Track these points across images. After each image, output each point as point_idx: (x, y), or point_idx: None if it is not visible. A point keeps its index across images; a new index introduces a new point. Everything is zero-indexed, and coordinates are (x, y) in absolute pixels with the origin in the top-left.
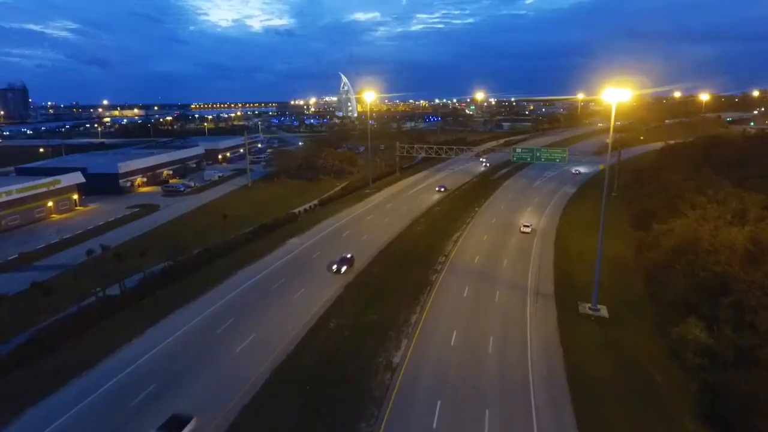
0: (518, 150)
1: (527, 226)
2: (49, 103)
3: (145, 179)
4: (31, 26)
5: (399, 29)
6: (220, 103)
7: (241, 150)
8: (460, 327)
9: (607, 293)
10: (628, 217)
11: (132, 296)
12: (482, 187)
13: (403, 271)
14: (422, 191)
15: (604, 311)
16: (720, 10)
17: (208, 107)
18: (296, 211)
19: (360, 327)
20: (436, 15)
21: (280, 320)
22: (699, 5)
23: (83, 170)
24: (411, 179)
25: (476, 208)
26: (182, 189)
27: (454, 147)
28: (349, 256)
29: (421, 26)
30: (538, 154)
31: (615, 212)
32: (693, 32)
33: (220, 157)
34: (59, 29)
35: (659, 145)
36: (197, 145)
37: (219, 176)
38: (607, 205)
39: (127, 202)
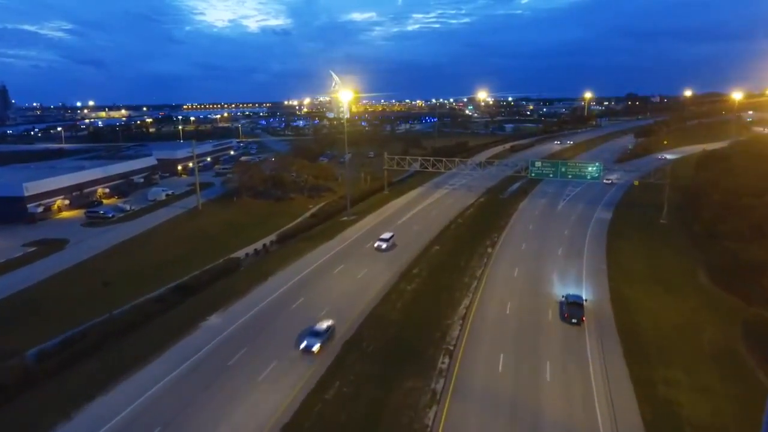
0: (537, 164)
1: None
2: (35, 104)
3: (67, 201)
4: (26, 27)
5: (395, 29)
6: (214, 104)
7: (209, 158)
8: None
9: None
10: (704, 267)
11: None
12: (493, 213)
13: (379, 400)
14: (417, 219)
15: None
16: (719, 8)
17: (200, 108)
18: (244, 252)
19: None
20: (432, 15)
21: None
22: (698, 4)
23: None
24: (402, 200)
25: (489, 249)
26: (110, 215)
27: (456, 159)
28: None
29: (417, 26)
30: (563, 170)
31: (674, 251)
32: (692, 31)
33: (179, 167)
34: (54, 29)
35: (688, 149)
36: (150, 155)
37: (167, 195)
38: (659, 237)
39: (32, 235)
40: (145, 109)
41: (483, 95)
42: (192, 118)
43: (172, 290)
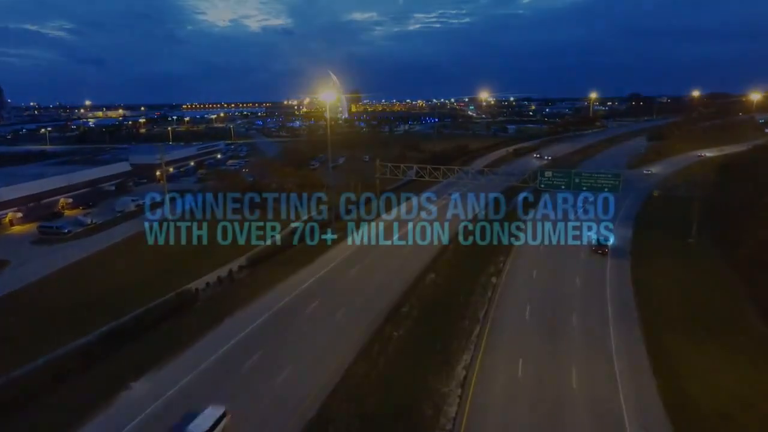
0: (548, 174)
1: None
2: (32, 103)
3: (20, 214)
4: (28, 26)
5: (396, 29)
6: (214, 104)
7: (192, 163)
8: None
9: None
10: (754, 305)
11: None
12: (496, 230)
13: None
14: (410, 236)
15: None
16: (720, 7)
17: (200, 107)
18: (206, 281)
19: None
20: (433, 15)
21: None
22: (699, 4)
23: None
24: (394, 212)
25: (493, 279)
26: (66, 230)
27: (455, 167)
28: None
29: (418, 26)
30: (576, 180)
31: (711, 281)
32: (694, 31)
33: (158, 173)
34: (55, 29)
35: (704, 154)
36: (126, 159)
37: (137, 205)
38: (690, 261)
39: None
40: (142, 108)
41: (484, 95)
42: (187, 118)
43: (103, 337)
